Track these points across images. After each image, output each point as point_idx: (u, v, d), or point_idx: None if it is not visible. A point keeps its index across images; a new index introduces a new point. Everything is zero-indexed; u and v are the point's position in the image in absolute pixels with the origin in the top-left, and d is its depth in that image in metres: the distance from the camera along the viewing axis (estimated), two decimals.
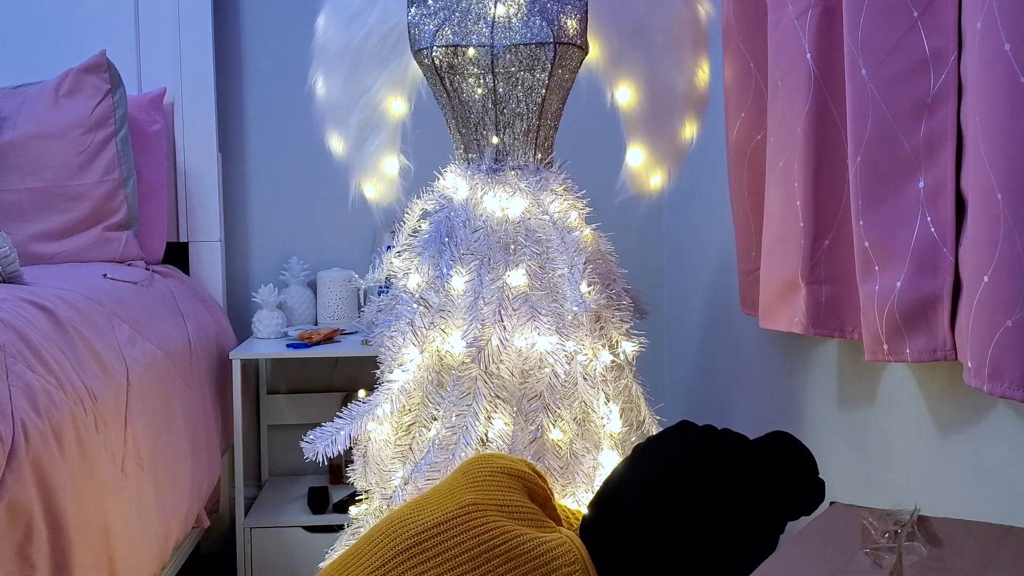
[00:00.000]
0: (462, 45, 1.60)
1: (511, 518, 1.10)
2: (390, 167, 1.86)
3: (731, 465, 1.12)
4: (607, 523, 1.12)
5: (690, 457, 1.13)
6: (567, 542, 1.10)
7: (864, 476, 1.57)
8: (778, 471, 1.16)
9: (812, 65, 1.44)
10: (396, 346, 1.59)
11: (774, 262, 1.61)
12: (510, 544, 1.06)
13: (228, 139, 2.78)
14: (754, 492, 1.12)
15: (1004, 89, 1.00)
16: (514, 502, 1.13)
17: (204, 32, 2.62)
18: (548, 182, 1.63)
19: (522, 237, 1.58)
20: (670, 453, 1.14)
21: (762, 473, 1.14)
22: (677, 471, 1.11)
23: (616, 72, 1.77)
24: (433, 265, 1.60)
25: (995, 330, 1.04)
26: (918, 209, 1.23)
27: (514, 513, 1.11)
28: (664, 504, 1.09)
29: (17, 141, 2.29)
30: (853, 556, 0.97)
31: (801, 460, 1.21)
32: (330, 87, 1.83)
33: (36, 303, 1.56)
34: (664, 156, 1.80)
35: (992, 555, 0.96)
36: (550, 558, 1.06)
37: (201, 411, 2.21)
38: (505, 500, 1.13)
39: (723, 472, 1.11)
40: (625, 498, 1.12)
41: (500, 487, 1.15)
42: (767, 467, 1.15)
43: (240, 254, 2.81)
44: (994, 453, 1.22)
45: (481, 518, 1.08)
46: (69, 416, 1.42)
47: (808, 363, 1.78)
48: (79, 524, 1.39)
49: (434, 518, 1.08)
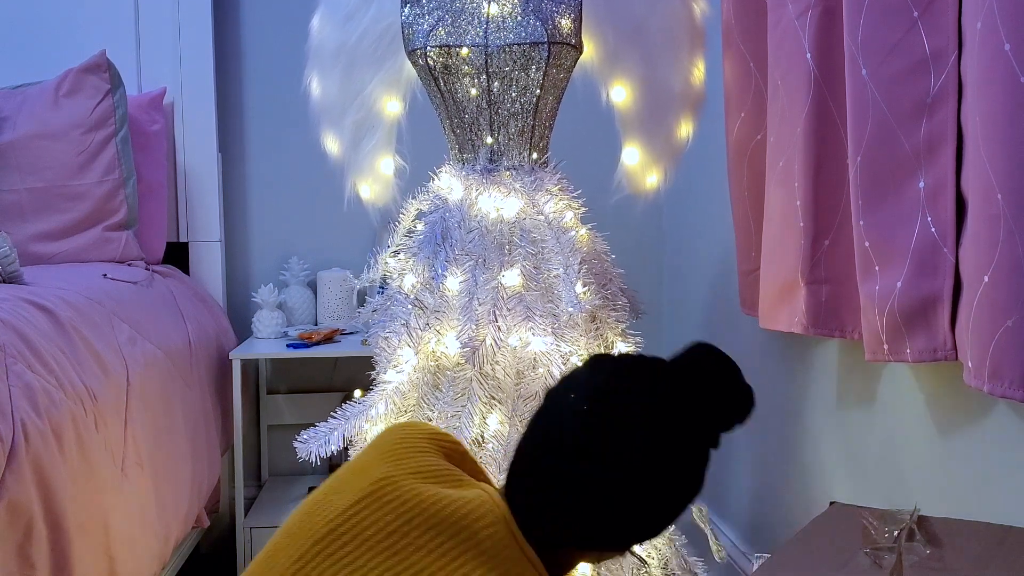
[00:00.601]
0: (456, 45, 1.60)
1: (428, 481, 1.05)
2: (385, 167, 1.86)
3: (646, 393, 1.05)
4: (524, 476, 1.06)
5: (603, 392, 1.05)
6: (486, 498, 1.03)
7: (864, 476, 1.57)
8: (699, 389, 1.08)
9: (812, 65, 1.44)
10: (391, 347, 1.59)
11: (774, 262, 1.61)
12: (428, 513, 1.00)
13: (228, 139, 2.77)
14: (676, 418, 1.05)
15: (1004, 89, 1.00)
16: (429, 465, 1.07)
17: (204, 32, 2.62)
18: (543, 182, 1.63)
19: (517, 237, 1.58)
20: (583, 392, 1.06)
21: (682, 395, 1.06)
22: (590, 413, 1.03)
23: (612, 71, 1.77)
24: (428, 266, 1.60)
25: (995, 330, 1.04)
26: (918, 209, 1.23)
27: (430, 476, 1.06)
28: (577, 446, 1.02)
29: (17, 141, 2.29)
30: (853, 556, 0.97)
31: (722, 369, 1.13)
32: (325, 87, 1.83)
33: (36, 303, 1.56)
34: (660, 155, 1.80)
35: (992, 555, 0.96)
36: (471, 519, 1.00)
37: (201, 411, 2.21)
38: (419, 465, 1.07)
39: (639, 404, 1.03)
40: (537, 447, 1.06)
41: (412, 452, 1.08)
42: (686, 388, 1.07)
43: (240, 254, 2.81)
44: (994, 453, 1.22)
45: (394, 491, 1.02)
46: (69, 416, 1.42)
47: (808, 363, 1.78)
48: (79, 524, 1.39)
49: (346, 500, 1.02)
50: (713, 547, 1.64)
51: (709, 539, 1.65)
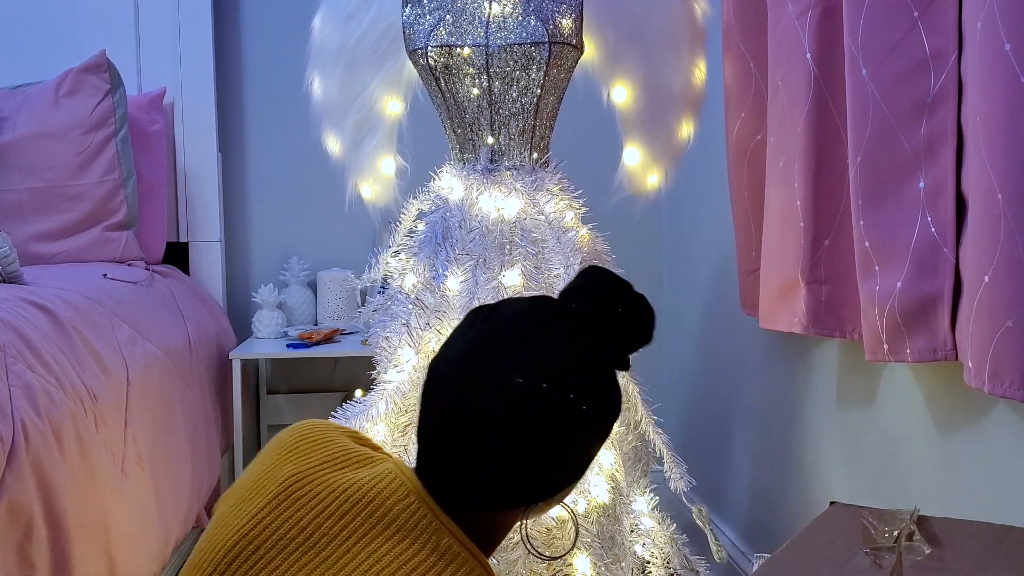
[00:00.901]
0: (457, 45, 1.60)
1: (336, 470, 1.01)
2: (386, 167, 1.86)
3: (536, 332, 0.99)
4: (428, 447, 1.01)
5: (486, 346, 0.99)
6: (396, 473, 1.00)
7: (864, 476, 1.57)
8: (593, 314, 1.03)
9: (812, 65, 1.44)
10: (392, 347, 1.59)
11: (774, 262, 1.61)
12: (339, 502, 0.96)
13: (228, 139, 2.77)
14: (575, 352, 0.99)
15: (1004, 89, 1.00)
16: (336, 452, 1.03)
17: (204, 32, 2.62)
18: (544, 182, 1.63)
19: (518, 237, 1.58)
20: (466, 347, 1.00)
21: (577, 326, 1.01)
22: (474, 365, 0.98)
23: (612, 71, 1.77)
24: (429, 266, 1.60)
25: (995, 330, 1.04)
26: (918, 209, 1.23)
27: (339, 463, 1.02)
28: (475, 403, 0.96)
29: (17, 141, 2.29)
30: (853, 556, 0.97)
31: (613, 289, 1.08)
32: (326, 87, 1.83)
33: (36, 303, 1.56)
34: (661, 155, 1.80)
35: (992, 555, 0.96)
36: (382, 498, 0.96)
37: (201, 411, 2.21)
38: (326, 455, 1.03)
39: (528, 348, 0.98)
40: (434, 411, 1.01)
41: (317, 444, 1.04)
42: (580, 317, 1.03)
43: (240, 254, 2.81)
44: (994, 453, 1.22)
45: (304, 487, 0.98)
46: (69, 416, 1.42)
47: (808, 363, 1.78)
48: (79, 524, 1.39)
49: (256, 506, 0.98)
50: (713, 548, 1.64)
51: (709, 540, 1.65)
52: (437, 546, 0.94)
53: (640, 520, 1.61)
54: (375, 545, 0.94)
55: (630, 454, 1.60)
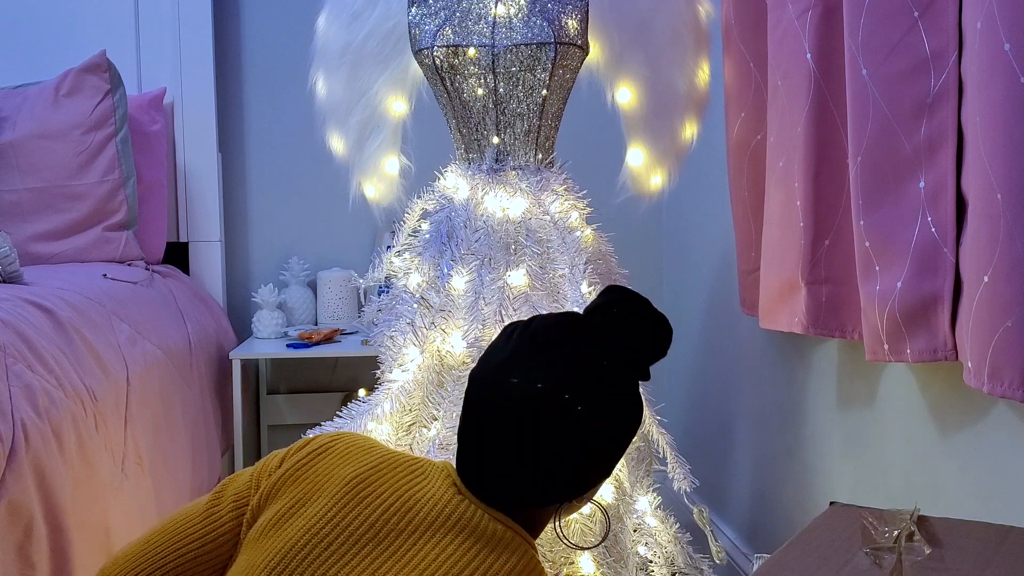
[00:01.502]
0: (463, 45, 1.60)
1: (392, 469, 1.08)
2: (391, 167, 1.86)
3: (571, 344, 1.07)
4: (467, 449, 1.08)
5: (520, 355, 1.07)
6: (447, 471, 1.09)
7: (864, 476, 1.57)
8: (621, 329, 1.11)
9: (812, 65, 1.44)
10: (396, 346, 1.60)
11: (774, 262, 1.61)
12: (402, 499, 1.04)
13: (228, 139, 2.78)
14: (609, 363, 1.07)
15: (1004, 89, 1.00)
16: (386, 454, 1.11)
17: (204, 32, 2.62)
18: (549, 182, 1.63)
19: (523, 237, 1.58)
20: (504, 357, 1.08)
21: (607, 339, 1.09)
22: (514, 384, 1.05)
23: (617, 72, 1.77)
24: (434, 265, 1.60)
25: (995, 330, 1.04)
26: (918, 209, 1.23)
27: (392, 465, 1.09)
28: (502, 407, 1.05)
29: (17, 141, 2.29)
30: (853, 556, 0.97)
31: (636, 305, 1.15)
32: (331, 87, 1.83)
33: (36, 303, 1.56)
34: (664, 156, 1.80)
35: (992, 555, 0.96)
36: (439, 496, 1.05)
37: (201, 411, 2.22)
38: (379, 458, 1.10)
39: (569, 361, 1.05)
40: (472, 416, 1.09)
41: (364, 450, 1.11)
42: (609, 331, 1.11)
43: (240, 254, 2.81)
44: (994, 453, 1.22)
45: (368, 487, 1.05)
46: (69, 416, 1.42)
47: (808, 363, 1.78)
48: (79, 524, 1.39)
49: (322, 506, 1.04)
50: (713, 549, 1.64)
51: (709, 541, 1.65)
52: (493, 535, 1.03)
53: (643, 520, 1.61)
54: (439, 537, 1.02)
55: (633, 454, 1.60)
